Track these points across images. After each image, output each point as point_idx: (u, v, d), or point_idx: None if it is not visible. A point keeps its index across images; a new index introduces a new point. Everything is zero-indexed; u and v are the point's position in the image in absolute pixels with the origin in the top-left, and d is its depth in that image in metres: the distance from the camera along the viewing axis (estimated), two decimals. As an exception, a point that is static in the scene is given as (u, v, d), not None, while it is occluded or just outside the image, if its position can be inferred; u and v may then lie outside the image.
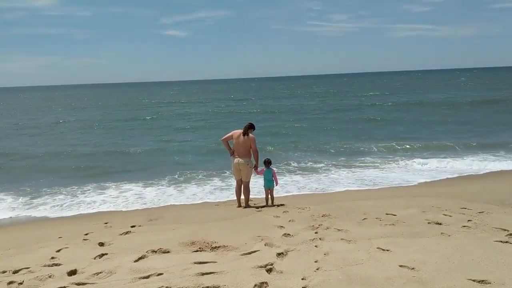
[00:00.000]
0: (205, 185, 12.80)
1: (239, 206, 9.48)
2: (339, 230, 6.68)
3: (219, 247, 6.02)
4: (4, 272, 5.35)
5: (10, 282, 4.99)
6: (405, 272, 4.76)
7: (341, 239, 6.14)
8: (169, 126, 29.76)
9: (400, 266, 4.94)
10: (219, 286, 4.57)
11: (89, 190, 12.49)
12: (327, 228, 6.84)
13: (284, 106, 43.13)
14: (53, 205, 11.10)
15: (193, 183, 13.15)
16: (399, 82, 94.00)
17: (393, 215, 7.61)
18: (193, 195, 11.82)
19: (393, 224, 6.95)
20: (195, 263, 5.33)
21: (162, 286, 4.62)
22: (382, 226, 6.86)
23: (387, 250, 5.50)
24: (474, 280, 4.48)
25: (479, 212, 7.55)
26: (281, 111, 37.55)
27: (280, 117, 32.24)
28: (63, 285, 4.77)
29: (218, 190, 12.16)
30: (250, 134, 9.18)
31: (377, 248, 5.62)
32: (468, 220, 6.98)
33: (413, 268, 4.86)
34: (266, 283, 4.61)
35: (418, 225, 6.85)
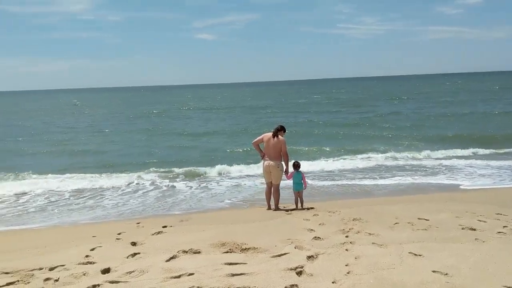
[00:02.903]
0: (234, 186, 12.90)
1: (269, 208, 9.48)
2: (370, 234, 6.62)
3: (249, 248, 6.04)
4: (40, 269, 5.51)
5: (47, 279, 5.14)
6: (438, 278, 4.68)
7: (372, 243, 6.08)
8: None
9: (433, 271, 4.86)
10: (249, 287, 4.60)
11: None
12: (358, 232, 6.78)
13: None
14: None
15: (222, 184, 13.24)
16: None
17: (425, 219, 7.48)
18: (222, 195, 11.92)
19: (426, 229, 6.84)
20: (225, 264, 5.37)
21: (193, 286, 4.68)
22: (414, 231, 6.76)
23: (420, 255, 5.42)
24: (509, 288, 4.38)
25: (516, 218, 7.35)
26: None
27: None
28: (97, 283, 4.89)
29: (247, 191, 12.24)
30: (281, 137, 9.18)
31: (409, 253, 5.54)
32: (504, 226, 6.81)
33: (446, 274, 4.78)
34: (296, 285, 4.61)
35: (452, 230, 6.72)
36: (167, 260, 5.63)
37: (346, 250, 5.79)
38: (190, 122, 34.71)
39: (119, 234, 7.47)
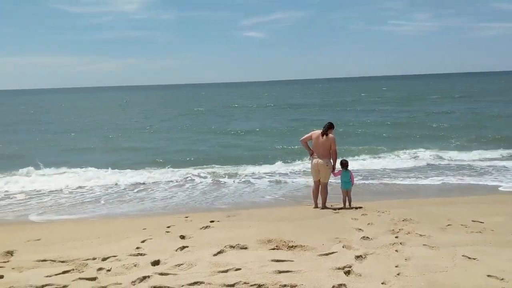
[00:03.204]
0: (277, 183, 12.97)
1: (316, 207, 9.41)
2: (421, 235, 6.43)
3: (296, 246, 6.01)
4: (94, 258, 5.71)
5: (100, 269, 5.32)
6: (494, 283, 4.49)
7: (424, 244, 5.90)
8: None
9: (488, 276, 4.67)
10: (296, 285, 4.58)
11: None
12: (408, 233, 6.60)
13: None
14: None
15: (265, 180, 13.30)
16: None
17: (480, 222, 7.19)
18: (265, 192, 11.98)
19: (480, 232, 6.57)
20: (272, 260, 5.37)
21: (240, 281, 4.71)
22: (468, 234, 6.51)
23: (474, 259, 5.22)
24: None
25: None
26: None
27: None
28: (147, 274, 5.01)
29: (289, 188, 12.25)
30: (330, 135, 9.08)
31: (463, 256, 5.34)
32: None
33: (502, 279, 4.58)
34: (344, 285, 4.55)
35: (508, 234, 6.43)
36: (215, 255, 5.69)
37: (396, 251, 5.66)
38: (235, 120, 34.90)
39: (168, 227, 7.63)
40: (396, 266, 5.04)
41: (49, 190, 12.61)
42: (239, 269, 5.09)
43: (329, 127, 9.12)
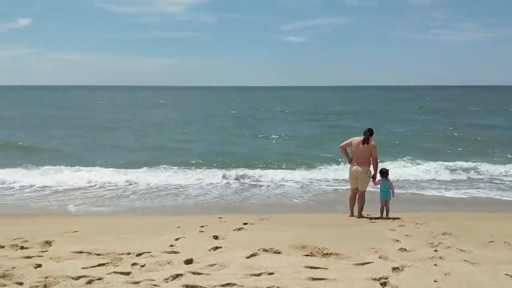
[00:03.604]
0: (316, 189, 12.81)
1: (352, 215, 9.23)
2: (461, 250, 6.17)
3: (330, 254, 5.89)
4: (129, 253, 5.76)
5: (134, 264, 5.36)
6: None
7: (464, 260, 5.66)
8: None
9: (534, 297, 4.42)
10: (330, 294, 4.47)
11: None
12: (448, 247, 6.35)
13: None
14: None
15: (303, 185, 13.20)
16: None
17: (525, 240, 6.84)
18: (301, 196, 11.87)
19: (525, 251, 6.25)
20: (305, 267, 5.27)
21: (272, 286, 4.64)
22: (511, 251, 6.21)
23: (518, 278, 4.96)
24: None
25: None
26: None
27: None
28: (180, 272, 5.00)
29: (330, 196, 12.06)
30: (371, 142, 8.89)
31: (506, 274, 5.09)
32: None
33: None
34: (380, 297, 4.40)
35: (557, 255, 6.08)
36: (248, 257, 5.63)
37: (435, 265, 5.45)
38: (270, 123, 34.73)
39: (202, 226, 7.64)
40: (435, 281, 4.86)
41: (88, 185, 12.92)
42: (272, 273, 5.01)
43: (369, 134, 8.92)
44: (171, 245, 6.19)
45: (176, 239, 6.53)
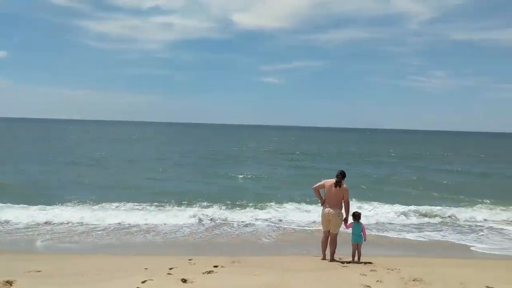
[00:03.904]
0: (291, 229, 12.75)
1: (324, 258, 9.14)
2: (431, 298, 6.14)
3: (301, 300, 5.77)
4: (92, 296, 5.55)
5: (97, 307, 5.15)
6: None
7: (434, 309, 5.62)
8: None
9: None
10: None
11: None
12: (419, 294, 6.32)
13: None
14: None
15: (276, 226, 13.09)
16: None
17: (494, 289, 6.87)
18: (274, 237, 11.76)
19: (494, 300, 6.26)
20: (275, 313, 5.14)
21: (240, 334, 4.49)
22: (482, 301, 6.21)
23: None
24: None
25: None
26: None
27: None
28: (144, 318, 4.81)
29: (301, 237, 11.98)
30: (344, 185, 8.92)
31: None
32: None
33: None
34: None
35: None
36: (216, 303, 5.48)
37: (405, 313, 5.39)
38: (245, 162, 34.53)
39: (170, 269, 7.45)
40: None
41: (56, 222, 12.56)
42: (240, 320, 4.87)
43: (342, 177, 8.96)
44: (137, 288, 6.00)
45: (143, 282, 6.33)
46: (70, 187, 19.37)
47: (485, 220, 15.17)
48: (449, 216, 15.43)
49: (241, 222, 13.55)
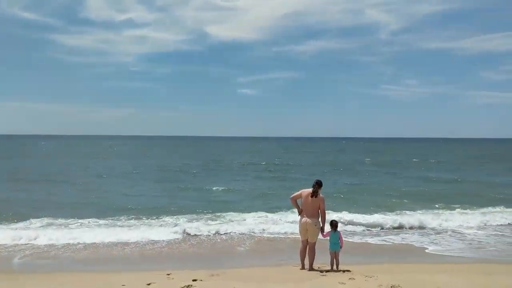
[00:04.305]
0: (270, 243, 12.70)
1: (303, 268, 9.16)
2: (409, 304, 6.21)
3: (280, 311, 5.77)
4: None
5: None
6: None
7: (412, 315, 5.68)
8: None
9: None
10: None
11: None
12: (396, 300, 6.38)
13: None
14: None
15: (256, 237, 13.11)
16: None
17: (469, 293, 6.98)
18: (253, 249, 11.75)
19: (471, 304, 6.36)
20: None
21: None
22: (457, 305, 6.30)
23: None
24: None
25: None
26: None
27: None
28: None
29: (284, 250, 11.98)
30: (320, 195, 8.99)
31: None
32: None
33: None
34: None
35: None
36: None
37: (384, 320, 5.43)
38: (221, 174, 34.33)
39: (148, 284, 7.36)
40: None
41: (32, 241, 12.19)
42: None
43: (318, 186, 9.03)
44: (114, 306, 5.89)
45: (120, 299, 6.22)
46: (39, 205, 18.82)
47: (443, 224, 15.58)
48: (412, 223, 15.60)
49: (217, 233, 13.51)
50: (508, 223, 15.93)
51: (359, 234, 14.00)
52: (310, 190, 9.03)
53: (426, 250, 11.99)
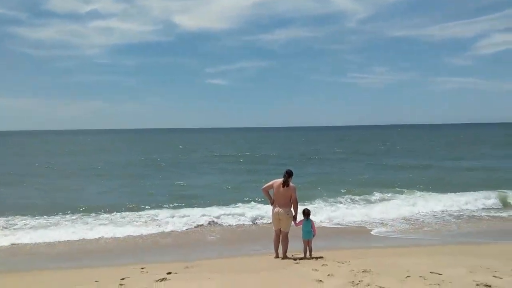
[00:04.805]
0: (244, 234, 12.81)
1: (277, 257, 9.28)
2: (380, 287, 6.39)
3: (255, 299, 5.84)
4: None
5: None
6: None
7: (383, 297, 5.85)
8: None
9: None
10: None
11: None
12: (368, 285, 6.56)
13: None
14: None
15: (227, 227, 13.26)
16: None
17: (438, 274, 7.22)
18: (233, 238, 11.83)
19: (439, 284, 6.59)
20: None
21: None
22: (427, 286, 6.52)
23: (433, 313, 5.19)
24: None
25: (533, 275, 7.07)
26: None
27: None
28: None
29: (257, 240, 12.08)
30: (291, 184, 9.09)
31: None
32: (521, 284, 6.53)
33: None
34: None
35: (466, 286, 6.47)
36: (171, 310, 5.44)
37: (356, 304, 5.58)
38: (192, 167, 34.11)
39: (122, 279, 7.31)
40: (356, 321, 4.96)
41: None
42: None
43: (288, 176, 9.13)
44: (88, 302, 5.85)
45: (94, 295, 6.18)
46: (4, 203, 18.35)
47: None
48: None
49: (191, 226, 13.47)
50: (460, 208, 16.27)
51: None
52: (281, 180, 9.13)
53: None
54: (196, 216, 14.43)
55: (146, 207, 16.41)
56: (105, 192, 21.55)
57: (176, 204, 17.04)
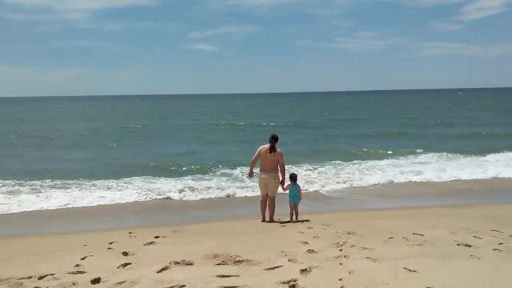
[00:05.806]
0: (232, 197, 13.04)
1: (263, 220, 9.42)
2: (364, 248, 6.54)
3: (242, 261, 5.96)
4: (29, 277, 5.41)
5: (35, 288, 5.04)
6: (433, 295, 4.60)
7: (366, 257, 6.00)
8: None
9: (428, 288, 4.79)
10: (241, 301, 4.52)
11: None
12: (352, 246, 6.70)
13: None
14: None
15: (219, 193, 13.33)
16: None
17: (420, 235, 7.41)
18: (217, 205, 11.96)
19: (421, 245, 6.76)
20: (217, 276, 5.29)
21: (184, 298, 4.59)
22: (409, 246, 6.68)
23: (414, 271, 5.34)
24: (506, 306, 4.30)
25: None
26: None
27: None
28: (86, 293, 4.78)
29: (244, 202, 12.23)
30: (278, 149, 9.14)
31: (404, 268, 5.46)
32: (500, 243, 6.73)
33: (441, 291, 4.70)
34: (289, 299, 4.53)
35: (447, 246, 6.65)
36: (159, 271, 5.53)
37: (340, 264, 5.72)
38: (177, 136, 33.84)
39: (110, 243, 7.37)
40: (339, 279, 5.09)
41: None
42: (184, 286, 4.97)
43: (274, 141, 9.16)
44: (77, 265, 5.90)
45: (82, 258, 6.23)
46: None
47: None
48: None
49: (182, 193, 13.42)
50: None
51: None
52: (268, 146, 9.16)
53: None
54: (189, 180, 14.82)
55: (141, 174, 16.40)
56: (98, 159, 21.44)
57: (158, 172, 17.07)
